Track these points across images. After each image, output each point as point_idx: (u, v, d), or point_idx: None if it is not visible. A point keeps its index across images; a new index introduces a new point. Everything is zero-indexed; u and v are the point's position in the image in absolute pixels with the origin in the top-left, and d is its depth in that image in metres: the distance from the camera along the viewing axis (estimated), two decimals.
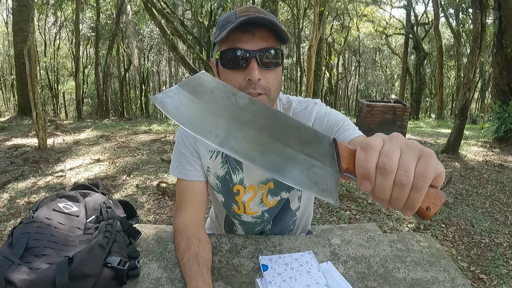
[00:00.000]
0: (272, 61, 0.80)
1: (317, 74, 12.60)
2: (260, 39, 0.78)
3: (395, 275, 0.88)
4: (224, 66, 0.80)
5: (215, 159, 0.97)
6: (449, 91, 19.71)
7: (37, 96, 5.02)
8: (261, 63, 0.78)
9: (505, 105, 5.60)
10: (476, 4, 4.70)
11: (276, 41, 0.81)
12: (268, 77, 0.80)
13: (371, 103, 6.42)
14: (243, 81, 0.79)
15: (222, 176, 0.99)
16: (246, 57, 0.78)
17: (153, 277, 0.85)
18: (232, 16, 0.80)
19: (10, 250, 0.75)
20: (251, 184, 1.00)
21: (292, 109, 0.97)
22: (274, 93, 0.83)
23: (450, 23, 14.51)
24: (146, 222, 2.87)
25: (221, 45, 0.81)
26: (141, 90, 19.14)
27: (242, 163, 0.96)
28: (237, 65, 0.79)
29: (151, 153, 5.17)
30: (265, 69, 0.79)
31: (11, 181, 3.82)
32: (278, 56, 0.81)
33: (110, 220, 0.89)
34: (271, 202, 1.03)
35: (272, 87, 0.82)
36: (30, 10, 5.49)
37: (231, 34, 0.77)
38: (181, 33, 9.55)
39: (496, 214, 3.17)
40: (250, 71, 0.78)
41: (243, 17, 0.76)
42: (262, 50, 0.78)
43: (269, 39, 0.79)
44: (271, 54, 0.79)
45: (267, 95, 0.81)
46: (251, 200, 1.02)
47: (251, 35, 0.78)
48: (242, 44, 0.78)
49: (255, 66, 0.78)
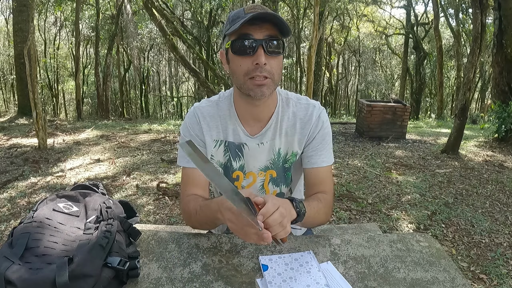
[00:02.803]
0: (276, 49, 0.92)
1: (317, 74, 12.60)
2: (266, 30, 0.91)
3: (395, 275, 0.88)
4: (235, 53, 0.93)
5: (219, 147, 1.07)
6: (449, 91, 19.71)
7: (37, 96, 5.02)
8: (266, 50, 0.90)
9: (505, 105, 5.59)
10: (476, 4, 4.70)
11: (279, 33, 0.93)
12: (272, 62, 0.92)
13: (371, 103, 6.42)
14: (251, 65, 0.91)
15: (224, 163, 1.09)
16: (253, 45, 0.90)
17: (153, 277, 0.85)
18: (241, 12, 0.92)
19: (10, 250, 0.75)
20: (251, 171, 1.08)
21: (291, 105, 1.07)
22: (277, 78, 0.95)
23: (450, 23, 14.52)
24: (146, 222, 2.87)
25: (231, 36, 0.93)
26: (141, 90, 19.14)
27: (244, 151, 1.06)
28: (246, 52, 0.91)
29: (151, 153, 5.17)
30: (270, 56, 0.91)
31: (11, 181, 3.82)
32: (280, 46, 0.93)
33: (110, 220, 0.89)
34: (271, 191, 1.11)
35: (275, 72, 0.94)
36: (30, 10, 5.49)
37: (241, 26, 0.88)
38: (181, 33, 9.55)
39: (496, 214, 3.17)
40: (257, 57, 0.90)
41: (251, 13, 0.89)
42: (267, 39, 0.90)
43: (273, 31, 0.92)
44: (275, 43, 0.92)
45: (271, 79, 0.93)
46: (250, 186, 1.10)
47: (258, 27, 0.90)
48: (250, 34, 0.90)
49: (261, 53, 0.90)
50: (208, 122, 1.05)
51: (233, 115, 1.05)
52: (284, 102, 1.07)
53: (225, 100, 1.07)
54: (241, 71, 0.92)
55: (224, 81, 9.77)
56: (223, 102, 1.07)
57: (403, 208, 3.27)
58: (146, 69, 18.50)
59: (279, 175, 1.09)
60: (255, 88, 0.92)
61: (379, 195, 3.60)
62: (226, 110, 1.06)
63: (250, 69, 0.91)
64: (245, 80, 0.92)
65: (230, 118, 1.05)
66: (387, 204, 3.35)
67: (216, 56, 17.50)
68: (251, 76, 0.91)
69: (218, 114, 1.06)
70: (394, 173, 4.29)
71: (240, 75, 0.93)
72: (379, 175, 4.21)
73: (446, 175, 4.23)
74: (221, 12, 15.12)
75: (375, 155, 5.20)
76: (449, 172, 4.35)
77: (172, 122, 10.23)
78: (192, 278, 0.85)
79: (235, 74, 0.95)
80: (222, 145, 1.06)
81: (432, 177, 4.13)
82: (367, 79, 23.53)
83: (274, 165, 1.08)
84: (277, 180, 1.10)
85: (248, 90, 0.94)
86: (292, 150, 1.07)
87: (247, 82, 0.92)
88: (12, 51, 11.23)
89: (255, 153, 1.06)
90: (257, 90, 0.92)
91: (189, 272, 0.87)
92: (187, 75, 20.21)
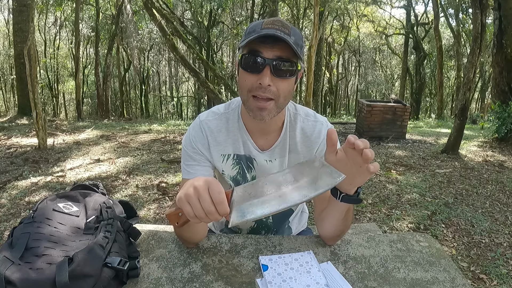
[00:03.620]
0: (286, 71, 0.88)
1: (317, 74, 12.62)
2: (278, 50, 0.86)
3: (395, 275, 0.88)
4: (243, 67, 0.89)
5: (227, 161, 1.05)
6: (449, 91, 19.71)
7: (37, 96, 5.02)
8: (274, 71, 0.86)
9: (505, 105, 5.59)
10: (476, 4, 4.70)
11: (293, 55, 0.87)
12: (280, 84, 0.88)
13: (371, 103, 6.42)
14: (255, 83, 0.87)
15: (234, 176, 1.07)
16: (261, 63, 0.86)
17: (153, 277, 0.85)
18: (259, 26, 0.87)
19: (10, 250, 0.76)
20: None
21: (298, 121, 1.05)
22: (282, 101, 0.91)
23: (450, 23, 14.51)
24: (146, 222, 2.87)
25: (243, 49, 0.90)
26: (141, 90, 19.15)
27: (254, 161, 1.04)
28: (253, 69, 0.87)
29: (151, 153, 5.17)
30: (277, 77, 0.87)
31: (11, 181, 3.82)
32: (292, 67, 0.88)
33: (110, 220, 0.89)
34: None
35: (281, 95, 0.89)
36: (30, 10, 5.49)
37: (254, 41, 0.85)
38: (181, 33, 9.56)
39: (496, 214, 3.17)
40: (262, 77, 0.86)
41: (267, 29, 0.85)
42: (277, 59, 0.86)
43: (286, 51, 0.86)
44: (286, 64, 0.87)
45: (275, 101, 0.89)
46: None
47: (270, 46, 0.85)
48: (260, 52, 0.86)
49: (267, 73, 0.86)
50: (216, 137, 1.03)
51: (242, 128, 1.03)
52: (292, 118, 1.05)
53: (233, 113, 1.04)
54: (245, 86, 0.89)
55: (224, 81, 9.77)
56: (231, 114, 1.04)
57: (403, 208, 3.27)
58: (146, 69, 18.50)
59: None
60: (255, 109, 0.90)
61: (379, 195, 3.60)
62: (235, 123, 1.03)
63: (253, 86, 0.88)
64: (248, 97, 0.90)
65: (239, 131, 1.03)
66: (387, 204, 3.35)
67: (216, 56, 17.52)
68: (253, 94, 0.88)
69: (227, 128, 1.03)
70: (394, 173, 4.29)
71: (244, 90, 0.90)
72: (379, 175, 4.21)
73: (446, 175, 4.23)
74: (221, 12, 15.12)
75: (375, 155, 5.19)
76: (449, 172, 4.35)
77: (172, 122, 10.23)
78: (192, 278, 0.85)
79: (240, 87, 0.92)
80: (230, 158, 1.04)
81: (432, 177, 4.13)
82: (367, 79, 23.55)
83: None
84: None
85: (249, 109, 0.92)
86: None
87: (250, 99, 0.90)
88: (12, 51, 11.23)
89: (265, 169, 1.05)
90: (257, 112, 0.90)
91: (189, 272, 0.87)
92: (187, 75, 20.22)
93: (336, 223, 0.91)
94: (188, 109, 22.60)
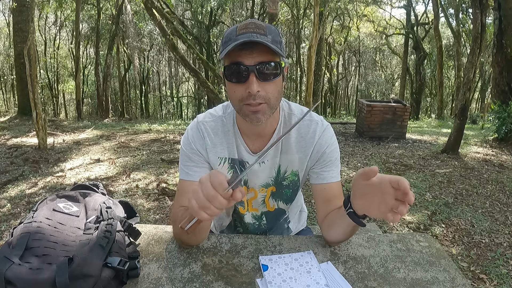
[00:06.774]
0: (271, 73, 0.86)
1: (317, 74, 12.60)
2: (258, 54, 0.84)
3: (395, 275, 0.88)
4: (228, 80, 0.88)
5: (223, 165, 1.04)
6: (449, 91, 19.70)
7: (37, 96, 5.02)
8: (259, 77, 0.84)
9: (505, 105, 5.59)
10: (476, 4, 4.70)
11: (274, 55, 0.86)
12: (267, 88, 0.87)
13: (371, 103, 6.42)
14: (244, 92, 0.86)
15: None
16: (245, 72, 0.84)
17: (153, 277, 0.85)
18: (233, 33, 0.85)
19: (10, 250, 0.75)
20: (252, 187, 1.07)
21: (293, 121, 1.03)
22: (274, 102, 0.90)
23: (450, 23, 14.51)
24: (146, 222, 2.87)
25: (224, 60, 0.88)
26: (141, 90, 19.15)
27: (246, 165, 1.04)
28: (238, 79, 0.86)
29: (151, 153, 5.17)
30: (263, 82, 0.85)
31: (11, 181, 3.82)
32: (276, 68, 0.86)
33: (110, 220, 0.89)
34: (271, 205, 1.12)
35: (272, 97, 0.88)
36: (30, 10, 5.49)
37: (232, 50, 0.83)
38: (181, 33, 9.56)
39: (496, 214, 3.17)
40: (249, 85, 0.84)
41: (242, 34, 0.83)
42: (259, 64, 0.84)
43: (267, 54, 0.84)
44: (269, 67, 0.85)
45: (267, 104, 0.88)
46: (253, 199, 1.10)
47: (249, 52, 0.83)
48: (241, 60, 0.84)
49: (253, 80, 0.84)
50: (213, 138, 1.03)
51: (236, 132, 1.03)
52: (287, 118, 1.03)
53: (228, 117, 1.04)
54: (236, 97, 0.88)
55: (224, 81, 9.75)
56: (227, 118, 1.04)
57: None
58: (146, 69, 18.50)
59: (278, 191, 1.09)
60: (250, 114, 0.89)
61: None
62: (230, 126, 1.03)
63: (244, 96, 0.86)
64: (240, 106, 0.89)
65: (233, 135, 1.03)
66: None
67: (216, 56, 17.51)
68: (245, 103, 0.87)
69: (223, 130, 1.03)
70: (394, 173, 4.29)
71: (236, 101, 0.90)
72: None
73: (446, 175, 4.23)
74: (221, 12, 15.13)
75: (375, 155, 5.20)
76: (449, 172, 4.35)
77: (172, 122, 10.23)
78: (192, 278, 0.85)
79: (231, 99, 0.92)
80: (226, 162, 1.04)
81: (432, 177, 4.13)
82: (367, 79, 23.55)
83: (275, 182, 1.07)
84: (275, 195, 1.10)
85: (244, 115, 0.91)
86: (292, 168, 1.04)
87: (242, 107, 0.89)
88: (12, 51, 11.23)
89: (256, 172, 1.04)
90: (253, 116, 0.89)
91: (189, 272, 0.87)
92: (187, 75, 20.21)
93: (343, 232, 0.93)
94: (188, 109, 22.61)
